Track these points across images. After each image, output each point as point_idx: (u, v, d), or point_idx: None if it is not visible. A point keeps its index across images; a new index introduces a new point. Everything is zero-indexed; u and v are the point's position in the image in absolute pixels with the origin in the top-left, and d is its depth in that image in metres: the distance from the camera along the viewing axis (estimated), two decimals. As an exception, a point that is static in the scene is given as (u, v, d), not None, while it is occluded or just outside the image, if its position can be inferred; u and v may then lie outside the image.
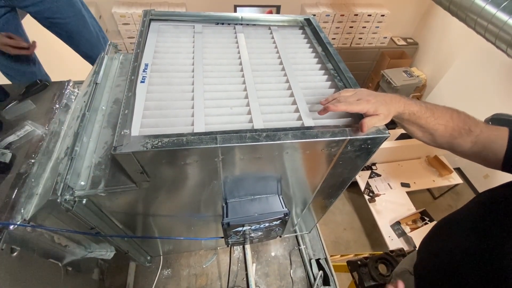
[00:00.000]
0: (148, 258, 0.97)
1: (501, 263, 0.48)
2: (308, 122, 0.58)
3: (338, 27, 3.07)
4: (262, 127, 0.55)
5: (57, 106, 0.79)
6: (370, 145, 0.56)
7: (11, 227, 0.53)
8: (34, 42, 1.18)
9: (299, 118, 0.59)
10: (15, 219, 0.55)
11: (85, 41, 1.39)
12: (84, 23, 1.36)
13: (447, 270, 0.61)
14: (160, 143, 0.46)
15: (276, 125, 0.56)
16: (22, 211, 0.56)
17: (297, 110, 0.61)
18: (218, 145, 0.47)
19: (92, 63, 0.89)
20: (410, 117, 0.57)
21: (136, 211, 0.65)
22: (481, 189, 2.77)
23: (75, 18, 1.31)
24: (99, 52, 1.43)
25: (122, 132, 0.47)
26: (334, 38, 3.19)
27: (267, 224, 0.68)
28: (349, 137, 0.52)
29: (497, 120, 1.48)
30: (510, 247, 0.48)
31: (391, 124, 0.56)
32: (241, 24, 0.85)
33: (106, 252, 0.80)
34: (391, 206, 2.34)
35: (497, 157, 0.57)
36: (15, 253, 0.54)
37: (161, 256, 1.02)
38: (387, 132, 0.54)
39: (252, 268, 1.00)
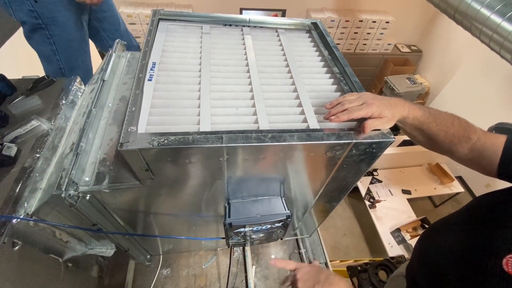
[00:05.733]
0: (148, 257, 0.97)
1: (485, 263, 0.46)
2: (314, 124, 0.58)
3: (343, 33, 3.08)
4: (268, 128, 0.55)
5: (64, 102, 0.79)
6: (375, 149, 0.56)
7: (14, 221, 0.53)
8: None
9: (305, 120, 0.59)
10: (18, 213, 0.55)
11: (126, 31, 1.51)
12: (119, 14, 1.47)
13: (432, 270, 0.60)
14: (166, 141, 0.46)
15: (282, 127, 0.57)
16: (25, 205, 0.56)
17: (302, 112, 0.61)
18: (224, 145, 0.47)
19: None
20: (414, 121, 0.57)
21: (139, 208, 0.65)
22: (482, 198, 2.73)
23: (116, 10, 1.42)
24: (132, 41, 1.57)
25: (129, 129, 0.48)
26: (339, 44, 3.20)
27: (268, 226, 0.68)
28: (354, 141, 0.52)
29: (500, 129, 1.48)
30: (497, 248, 0.46)
31: (394, 130, 0.57)
32: (249, 26, 0.85)
33: (107, 250, 0.80)
34: (391, 212, 2.33)
35: (492, 165, 0.57)
36: (16, 247, 0.54)
37: (161, 256, 1.01)
38: (392, 136, 0.54)
39: (251, 270, 0.99)
